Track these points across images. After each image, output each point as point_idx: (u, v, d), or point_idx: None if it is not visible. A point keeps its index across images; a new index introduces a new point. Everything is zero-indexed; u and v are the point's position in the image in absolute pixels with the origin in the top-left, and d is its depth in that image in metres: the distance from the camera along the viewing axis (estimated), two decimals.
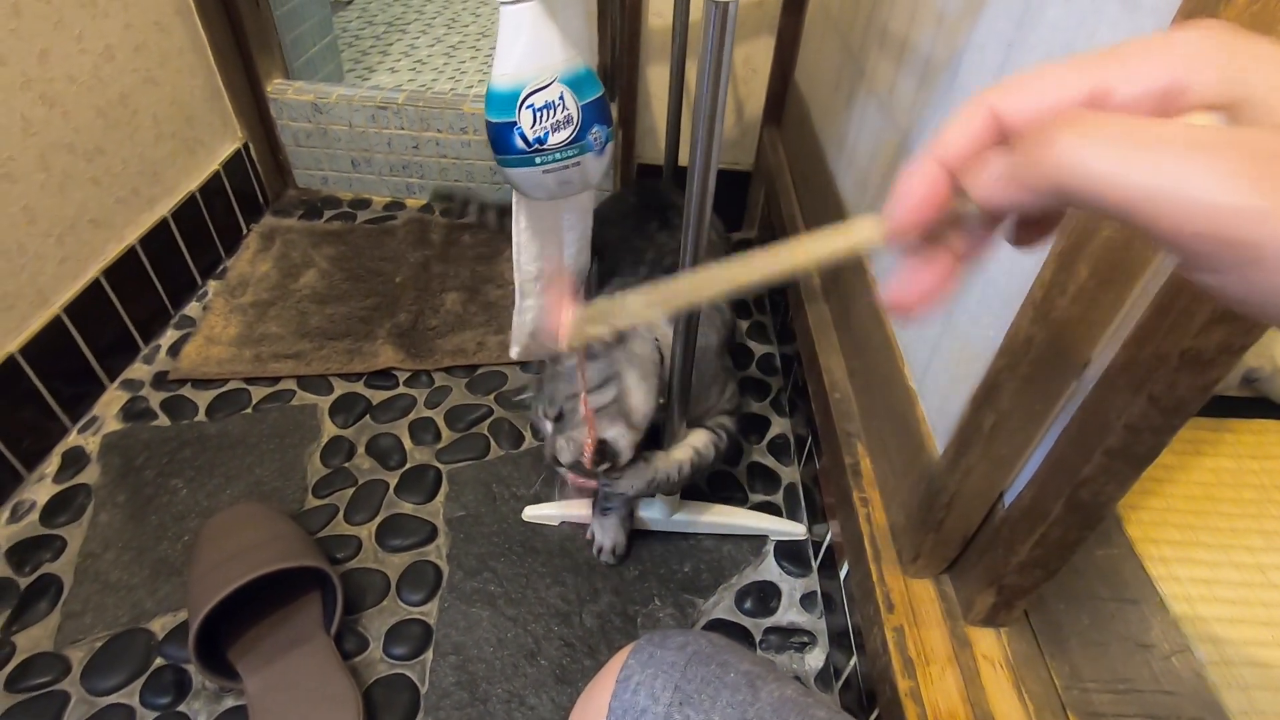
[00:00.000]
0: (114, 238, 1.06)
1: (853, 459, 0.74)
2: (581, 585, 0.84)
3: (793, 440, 1.03)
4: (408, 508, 0.92)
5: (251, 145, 1.37)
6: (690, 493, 0.91)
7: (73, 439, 0.97)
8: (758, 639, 0.81)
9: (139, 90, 1.09)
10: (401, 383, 1.09)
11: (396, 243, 1.34)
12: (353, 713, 0.70)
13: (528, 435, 1.02)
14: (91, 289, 1.01)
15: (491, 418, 1.04)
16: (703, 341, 0.77)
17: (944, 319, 0.60)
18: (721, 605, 0.84)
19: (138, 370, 1.08)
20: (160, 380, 1.06)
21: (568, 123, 0.67)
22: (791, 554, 0.89)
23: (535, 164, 0.68)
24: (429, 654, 0.78)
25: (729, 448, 0.84)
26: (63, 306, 0.96)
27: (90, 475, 0.93)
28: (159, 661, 0.76)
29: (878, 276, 0.77)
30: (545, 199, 0.73)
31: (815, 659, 0.79)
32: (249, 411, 1.03)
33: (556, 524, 0.90)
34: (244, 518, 0.79)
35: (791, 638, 0.81)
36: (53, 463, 0.94)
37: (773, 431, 1.05)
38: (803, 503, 0.94)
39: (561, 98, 0.66)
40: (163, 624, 0.78)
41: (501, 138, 0.67)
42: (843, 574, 0.75)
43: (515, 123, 0.66)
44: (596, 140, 0.70)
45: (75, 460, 0.94)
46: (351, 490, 0.93)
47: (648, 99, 1.33)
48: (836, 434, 0.77)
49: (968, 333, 0.56)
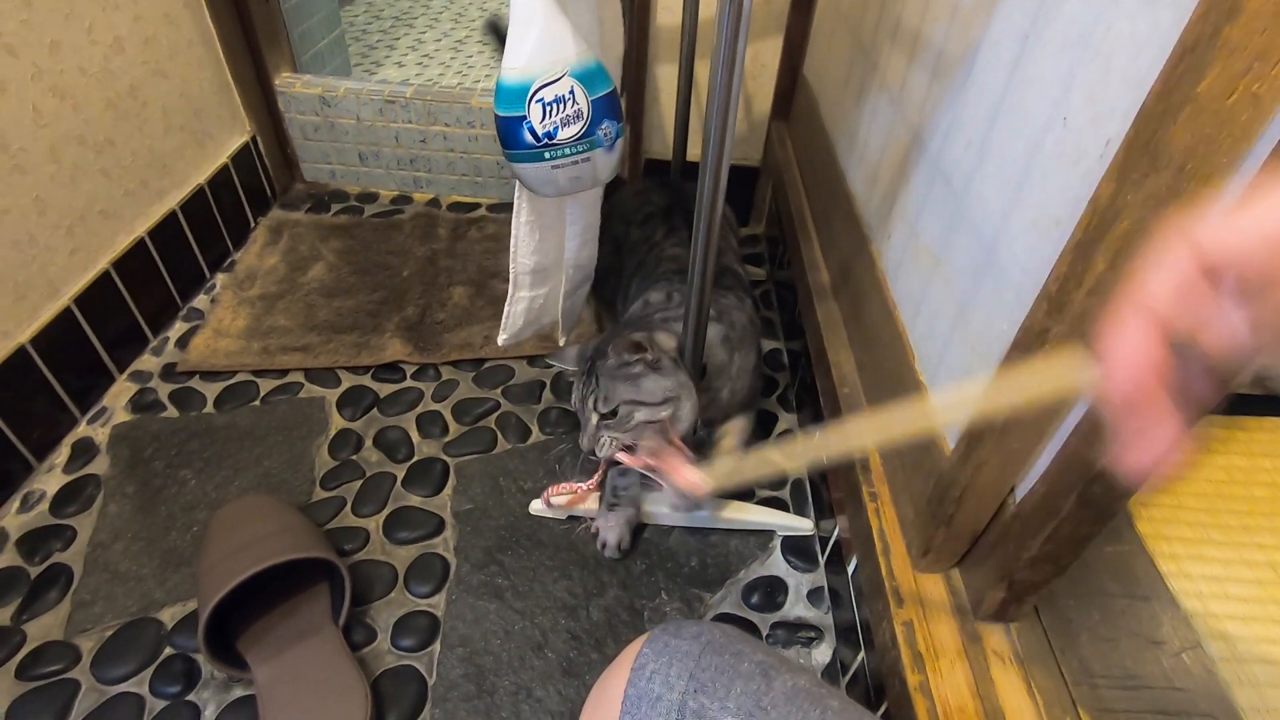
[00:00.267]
0: (123, 229, 1.06)
1: (861, 454, 0.74)
2: (588, 579, 0.84)
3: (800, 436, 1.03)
4: (415, 500, 0.92)
5: (260, 138, 1.37)
6: None
7: (82, 430, 0.97)
8: (765, 634, 0.81)
9: (148, 83, 1.09)
10: (409, 376, 1.09)
11: (404, 237, 1.34)
12: (361, 704, 0.70)
13: (534, 430, 1.02)
14: (101, 280, 1.01)
15: (499, 411, 1.04)
16: (748, 363, 0.90)
17: (956, 312, 0.60)
18: (728, 600, 0.84)
19: (146, 362, 1.08)
20: (169, 372, 1.06)
21: (578, 117, 0.66)
22: (798, 549, 0.89)
23: (544, 159, 0.68)
24: (436, 646, 0.78)
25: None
26: (73, 298, 0.96)
27: (100, 466, 0.93)
28: (168, 651, 0.76)
29: (887, 271, 0.77)
30: (554, 195, 0.73)
31: (822, 654, 0.79)
32: (257, 404, 1.03)
33: (563, 518, 0.90)
34: (253, 509, 0.79)
35: (798, 633, 0.81)
36: (62, 453, 0.94)
37: (780, 427, 1.05)
38: (810, 498, 0.94)
39: (572, 92, 0.65)
40: (172, 614, 0.79)
41: (510, 132, 0.67)
42: (850, 569, 0.75)
43: (525, 117, 0.66)
44: (606, 136, 0.69)
45: (85, 451, 0.95)
46: (359, 483, 0.94)
47: (656, 94, 1.33)
48: None
49: (980, 326, 0.56)
